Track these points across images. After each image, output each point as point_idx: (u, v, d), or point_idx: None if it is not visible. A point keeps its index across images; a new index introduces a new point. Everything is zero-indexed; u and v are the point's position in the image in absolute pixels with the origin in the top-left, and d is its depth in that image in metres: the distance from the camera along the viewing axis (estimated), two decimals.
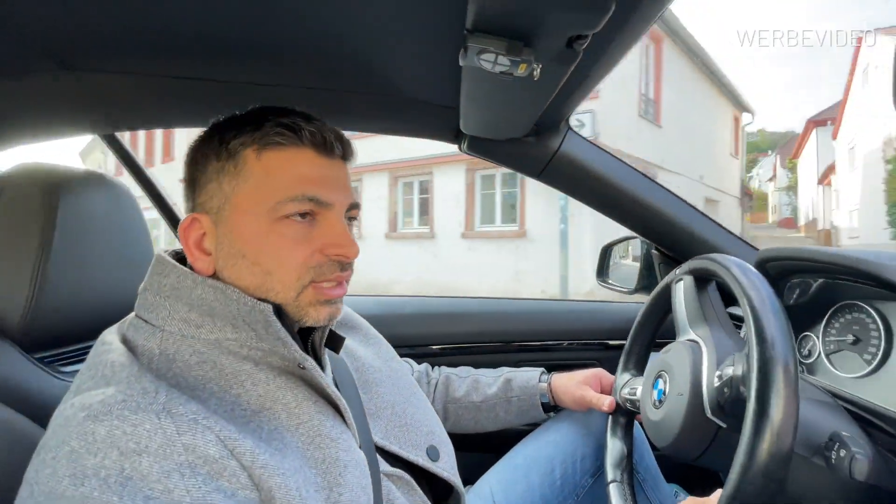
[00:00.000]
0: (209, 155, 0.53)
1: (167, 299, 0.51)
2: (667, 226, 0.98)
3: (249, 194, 0.52)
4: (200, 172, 0.54)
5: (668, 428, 0.60)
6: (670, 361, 0.65)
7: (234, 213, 0.52)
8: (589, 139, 0.93)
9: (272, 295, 0.52)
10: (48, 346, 0.65)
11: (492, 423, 0.88)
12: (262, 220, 0.51)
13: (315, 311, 0.53)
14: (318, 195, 0.52)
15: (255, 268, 0.52)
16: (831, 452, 0.52)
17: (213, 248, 0.53)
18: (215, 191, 0.53)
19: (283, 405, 0.50)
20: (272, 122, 0.52)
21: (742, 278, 0.54)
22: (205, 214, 0.53)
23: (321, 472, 0.49)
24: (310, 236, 0.53)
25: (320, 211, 0.53)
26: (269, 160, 0.52)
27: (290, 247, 0.52)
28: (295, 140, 0.52)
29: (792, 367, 0.46)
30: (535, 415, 0.87)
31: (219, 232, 0.53)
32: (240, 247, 0.52)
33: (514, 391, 0.87)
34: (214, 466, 0.42)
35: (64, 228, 0.61)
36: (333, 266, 0.54)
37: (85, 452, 0.39)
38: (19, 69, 0.66)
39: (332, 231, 0.53)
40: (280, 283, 0.52)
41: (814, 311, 0.80)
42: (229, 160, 0.52)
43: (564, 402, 0.86)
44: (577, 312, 1.25)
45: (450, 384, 0.90)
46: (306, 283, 0.53)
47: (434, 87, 0.77)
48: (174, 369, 0.48)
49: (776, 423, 0.44)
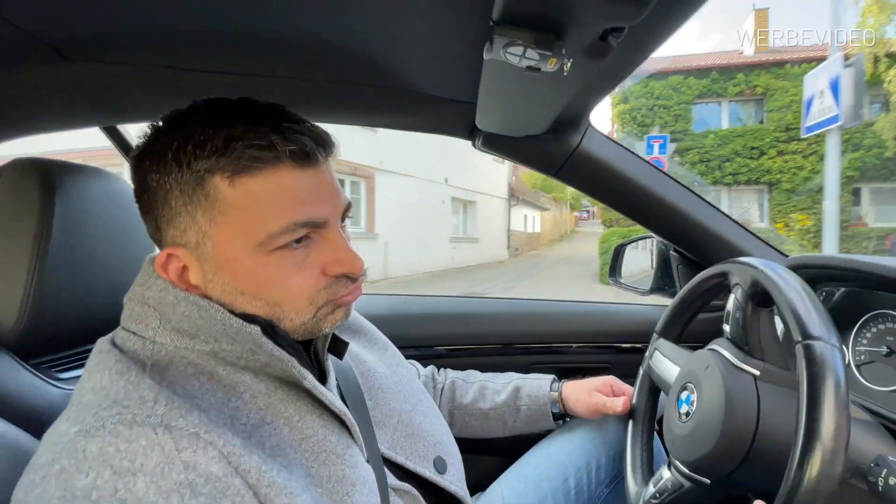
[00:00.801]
0: (168, 182, 0.45)
1: (154, 310, 0.47)
2: (689, 227, 0.94)
3: (233, 230, 0.45)
4: (162, 204, 0.46)
5: (697, 442, 0.57)
6: (697, 372, 0.62)
7: (219, 250, 0.46)
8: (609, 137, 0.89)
9: (286, 321, 0.49)
10: (44, 351, 0.62)
11: (499, 430, 0.86)
12: (254, 256, 0.46)
13: (332, 317, 0.51)
14: (309, 218, 0.47)
15: (258, 302, 0.47)
16: (878, 478, 0.49)
17: (200, 283, 0.47)
18: (188, 224, 0.46)
19: (286, 419, 0.48)
20: (242, 143, 0.44)
21: (783, 285, 0.51)
22: (180, 248, 0.47)
23: (327, 490, 0.46)
24: (310, 259, 0.48)
25: (315, 230, 0.48)
26: (245, 187, 0.45)
27: (294, 275, 0.47)
28: (272, 159, 0.45)
29: (843, 384, 0.43)
30: (545, 424, 0.85)
31: (205, 269, 0.47)
32: (235, 284, 0.47)
33: (524, 400, 0.84)
34: (217, 485, 0.39)
35: (61, 227, 0.58)
36: (344, 282, 0.50)
37: (76, 472, 0.36)
38: (19, 59, 0.63)
39: (331, 248, 0.49)
40: (293, 310, 0.48)
41: (843, 320, 0.76)
42: (196, 189, 0.45)
43: (576, 410, 0.83)
44: (589, 314, 1.22)
45: (456, 389, 0.87)
46: (321, 305, 0.49)
47: (450, 82, 0.73)
48: (169, 378, 0.45)
49: (827, 443, 0.42)
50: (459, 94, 0.76)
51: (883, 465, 0.49)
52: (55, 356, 0.63)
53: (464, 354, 1.14)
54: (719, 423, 0.54)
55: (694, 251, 1.00)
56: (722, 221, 0.95)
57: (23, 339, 0.57)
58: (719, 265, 0.69)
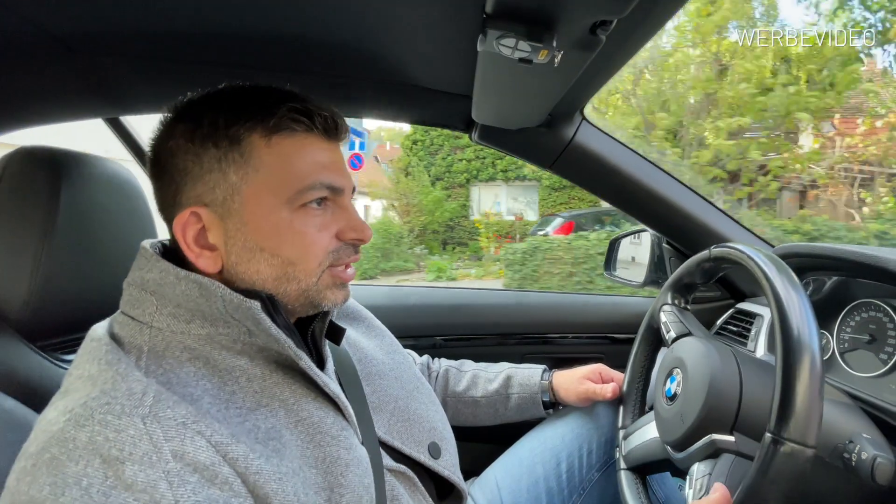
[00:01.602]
0: (203, 142, 0.49)
1: (153, 294, 0.48)
2: (681, 220, 0.96)
3: (263, 184, 0.49)
4: (192, 162, 0.49)
5: (677, 426, 0.59)
6: (686, 361, 0.64)
7: (246, 206, 0.49)
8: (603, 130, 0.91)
9: (293, 284, 0.51)
10: (50, 334, 0.64)
11: (490, 418, 0.87)
12: (281, 211, 0.49)
13: (332, 294, 0.53)
14: (332, 181, 0.51)
15: (274, 259, 0.50)
16: (851, 455, 0.51)
17: (220, 242, 0.50)
18: (218, 181, 0.49)
19: (281, 402, 0.49)
20: (285, 106, 0.49)
21: (766, 267, 0.53)
22: (204, 208, 0.49)
23: (321, 471, 0.48)
24: (327, 222, 0.52)
25: (333, 197, 0.53)
26: (280, 147, 0.49)
27: (313, 235, 0.51)
28: (307, 126, 0.51)
29: (818, 359, 0.45)
30: (535, 412, 0.86)
31: (228, 226, 0.49)
32: (257, 240, 0.49)
33: (515, 388, 0.86)
34: (205, 474, 0.40)
35: (66, 213, 0.60)
36: (349, 250, 0.54)
37: (66, 459, 0.37)
38: (26, 51, 0.65)
39: (346, 216, 0.53)
40: (303, 271, 0.51)
41: (828, 308, 0.78)
42: (232, 148, 0.49)
43: (567, 399, 0.85)
44: (583, 305, 1.24)
45: (450, 377, 0.89)
46: (325, 267, 0.52)
47: (447, 75, 0.75)
48: (164, 366, 0.45)
49: (800, 416, 0.43)
50: (456, 86, 0.77)
51: (857, 441, 0.51)
52: (61, 339, 0.65)
53: (460, 344, 1.16)
54: (701, 401, 0.56)
55: (686, 243, 1.02)
56: (713, 214, 0.97)
57: (30, 321, 0.59)
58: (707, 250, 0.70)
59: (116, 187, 0.68)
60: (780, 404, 0.45)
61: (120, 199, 0.69)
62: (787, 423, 0.44)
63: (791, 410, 0.44)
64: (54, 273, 0.59)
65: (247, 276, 0.50)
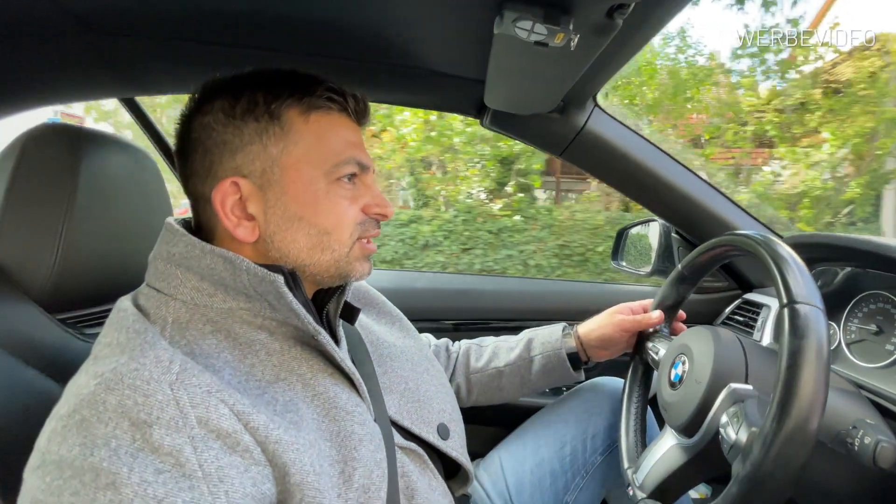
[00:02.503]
0: (244, 117, 0.51)
1: (178, 268, 0.50)
2: (691, 209, 0.96)
3: (302, 157, 0.52)
4: (233, 135, 0.51)
5: (680, 412, 0.60)
6: (692, 346, 0.64)
7: (286, 176, 0.52)
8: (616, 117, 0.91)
9: (327, 253, 0.54)
10: (70, 307, 0.65)
11: (517, 388, 0.83)
12: (319, 183, 0.52)
13: (360, 265, 0.56)
14: (362, 159, 0.55)
15: (311, 229, 0.52)
16: (854, 440, 0.51)
17: (259, 212, 0.52)
18: (258, 153, 0.51)
19: (299, 376, 0.50)
20: (322, 87, 0.53)
21: (776, 255, 0.53)
22: (243, 178, 0.51)
23: (336, 445, 0.49)
24: (357, 196, 0.55)
25: (360, 174, 0.56)
26: (317, 124, 0.53)
27: (346, 206, 0.54)
28: (340, 105, 0.54)
29: (825, 347, 0.45)
30: (563, 374, 0.81)
31: (268, 196, 0.52)
32: (295, 209, 0.52)
33: (537, 349, 0.82)
34: (227, 441, 0.41)
35: (86, 190, 0.61)
36: (373, 224, 0.57)
37: (96, 421, 0.38)
38: (43, 29, 0.65)
39: (371, 192, 0.57)
40: (337, 241, 0.54)
41: (837, 300, 0.79)
42: (272, 122, 0.51)
43: (602, 340, 0.79)
44: (591, 293, 1.25)
45: (471, 355, 0.87)
46: (355, 238, 0.55)
47: (460, 59, 0.75)
48: (188, 337, 0.47)
49: (804, 402, 0.43)
50: (468, 71, 0.77)
51: (860, 426, 0.51)
52: (81, 313, 0.67)
53: (468, 329, 1.17)
54: (705, 384, 0.57)
55: (695, 232, 1.02)
56: (722, 203, 0.97)
57: (51, 295, 0.61)
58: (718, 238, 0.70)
59: (134, 165, 0.69)
60: (783, 390, 0.45)
61: (137, 176, 0.70)
62: (790, 408, 0.44)
63: (794, 397, 0.44)
64: (75, 248, 0.60)
65: (283, 245, 0.52)
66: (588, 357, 0.82)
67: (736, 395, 0.53)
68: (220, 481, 0.39)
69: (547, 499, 0.78)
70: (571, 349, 0.81)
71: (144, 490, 0.36)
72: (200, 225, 0.54)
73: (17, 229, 0.59)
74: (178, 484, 0.38)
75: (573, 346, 0.82)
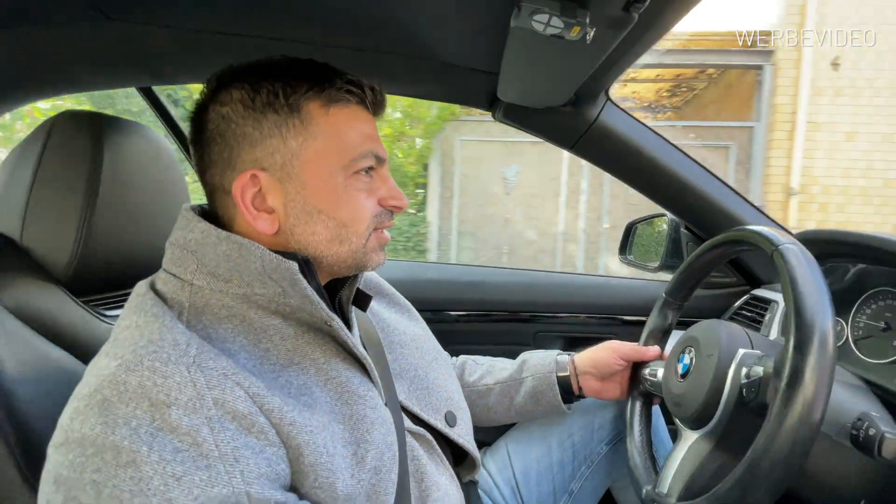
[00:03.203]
0: (264, 109, 0.51)
1: (193, 254, 0.50)
2: (702, 205, 0.96)
3: (322, 151, 0.52)
4: (252, 127, 0.51)
5: (693, 399, 0.60)
6: (697, 336, 0.65)
7: (306, 170, 0.52)
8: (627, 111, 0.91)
9: (345, 245, 0.54)
10: (94, 290, 0.67)
11: (505, 410, 0.82)
12: (338, 176, 0.53)
13: (375, 256, 0.57)
14: (379, 152, 0.55)
15: (330, 222, 0.53)
16: (859, 432, 0.52)
17: (278, 205, 0.52)
18: (277, 147, 0.51)
19: (312, 360, 0.51)
20: (342, 79, 0.53)
21: (784, 249, 0.53)
22: (262, 171, 0.51)
23: (349, 427, 0.50)
24: (373, 189, 0.56)
25: (377, 167, 0.56)
26: (337, 117, 0.53)
27: (363, 199, 0.55)
28: (359, 98, 0.54)
29: (830, 340, 0.46)
30: (552, 400, 0.78)
31: (287, 189, 0.52)
32: (315, 203, 0.52)
33: (528, 371, 0.81)
34: (243, 422, 0.42)
35: (109, 175, 0.63)
36: (388, 215, 0.58)
37: (117, 401, 0.39)
38: (63, 17, 0.66)
39: (387, 185, 0.57)
40: (355, 233, 0.54)
41: (845, 296, 0.79)
42: (292, 115, 0.51)
43: (593, 363, 0.79)
44: (597, 287, 1.25)
45: (465, 369, 0.87)
46: (371, 230, 0.56)
47: (475, 51, 0.75)
48: (204, 321, 0.48)
49: (809, 394, 0.44)
50: (482, 63, 0.78)
51: (865, 419, 0.52)
52: (103, 296, 0.69)
53: (473, 320, 1.18)
54: (716, 358, 0.57)
55: (705, 227, 1.02)
56: (733, 199, 0.97)
57: (75, 278, 0.62)
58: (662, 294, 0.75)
59: (154, 152, 0.71)
60: (788, 384, 0.45)
61: (158, 163, 0.71)
62: (794, 402, 0.44)
63: (798, 389, 0.44)
64: (98, 233, 0.62)
65: (303, 238, 0.53)
66: (580, 387, 0.80)
67: (748, 355, 0.55)
68: (235, 461, 0.40)
69: (553, 486, 0.79)
70: (564, 374, 0.79)
71: (163, 468, 0.38)
72: (218, 214, 0.55)
73: (43, 214, 0.61)
74: (196, 463, 0.39)
75: (566, 371, 0.79)
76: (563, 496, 0.79)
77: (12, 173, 0.62)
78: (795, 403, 0.44)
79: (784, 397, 0.45)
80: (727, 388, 0.56)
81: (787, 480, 0.45)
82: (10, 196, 0.62)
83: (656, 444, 0.80)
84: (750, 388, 0.53)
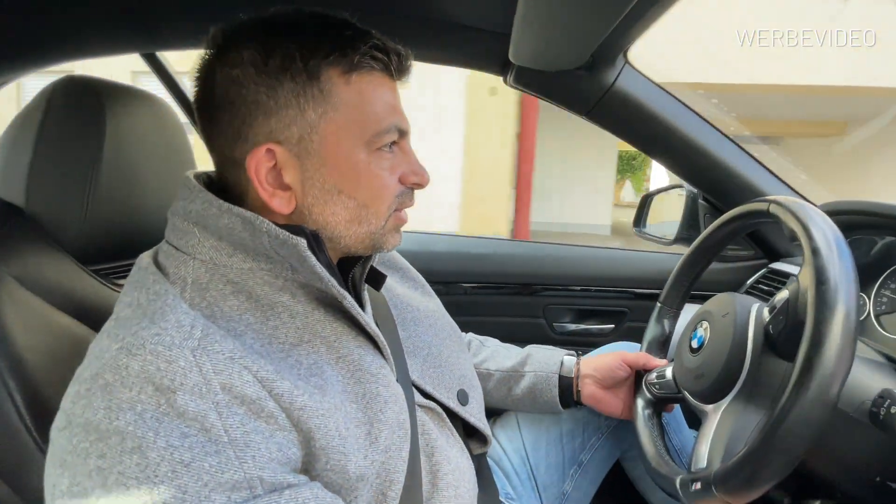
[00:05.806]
0: (278, 74, 0.46)
1: (195, 225, 0.47)
2: (722, 174, 0.93)
3: (343, 124, 0.48)
4: (266, 95, 0.46)
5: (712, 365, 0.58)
6: (711, 309, 0.63)
7: (325, 146, 0.48)
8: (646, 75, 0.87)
9: (364, 226, 0.51)
10: (102, 259, 0.67)
11: (501, 399, 0.80)
12: (360, 153, 0.49)
13: (392, 237, 0.54)
14: (402, 125, 0.51)
15: (350, 202, 0.50)
16: (880, 409, 0.51)
17: (296, 183, 0.48)
18: (294, 118, 0.46)
19: (323, 338, 0.49)
20: (368, 43, 0.47)
21: (803, 214, 0.51)
22: (278, 145, 0.47)
23: (361, 407, 0.49)
24: (395, 166, 0.52)
25: (399, 141, 0.52)
26: (359, 86, 0.48)
27: (386, 178, 0.51)
28: (384, 65, 0.49)
29: (853, 314, 0.44)
30: (549, 399, 0.75)
31: (306, 166, 0.48)
32: (335, 181, 0.49)
33: (531, 366, 0.78)
34: (252, 407, 0.41)
35: (112, 142, 0.61)
36: (409, 194, 0.54)
37: (119, 385, 0.38)
38: None
39: (409, 160, 0.53)
40: (374, 214, 0.51)
41: (869, 270, 0.76)
42: (311, 83, 0.46)
43: (596, 367, 0.76)
44: (609, 259, 1.23)
45: (471, 348, 0.85)
46: (392, 211, 0.53)
47: (485, 11, 0.72)
48: (208, 298, 0.45)
49: (827, 368, 0.42)
50: (494, 24, 0.74)
51: (887, 396, 0.50)
52: (112, 265, 0.68)
53: (485, 292, 1.18)
54: (732, 330, 0.55)
55: (724, 198, 0.98)
56: (753, 168, 0.93)
57: (83, 246, 0.62)
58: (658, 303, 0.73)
59: (158, 118, 0.69)
60: (806, 357, 0.44)
61: (162, 130, 0.70)
62: (812, 375, 0.43)
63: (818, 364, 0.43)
64: (103, 200, 0.61)
65: (321, 218, 0.50)
66: (579, 390, 0.76)
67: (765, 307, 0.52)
68: (245, 446, 0.39)
69: (562, 456, 0.79)
70: (567, 374, 0.76)
71: (171, 454, 0.37)
72: (228, 186, 0.51)
73: (47, 181, 0.60)
74: (205, 448, 0.38)
75: (570, 371, 0.76)
76: (572, 466, 0.79)
77: (15, 141, 0.62)
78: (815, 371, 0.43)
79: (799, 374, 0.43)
80: (751, 334, 0.55)
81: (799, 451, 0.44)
82: (13, 164, 0.61)
83: (679, 448, 0.79)
84: (777, 317, 0.51)
